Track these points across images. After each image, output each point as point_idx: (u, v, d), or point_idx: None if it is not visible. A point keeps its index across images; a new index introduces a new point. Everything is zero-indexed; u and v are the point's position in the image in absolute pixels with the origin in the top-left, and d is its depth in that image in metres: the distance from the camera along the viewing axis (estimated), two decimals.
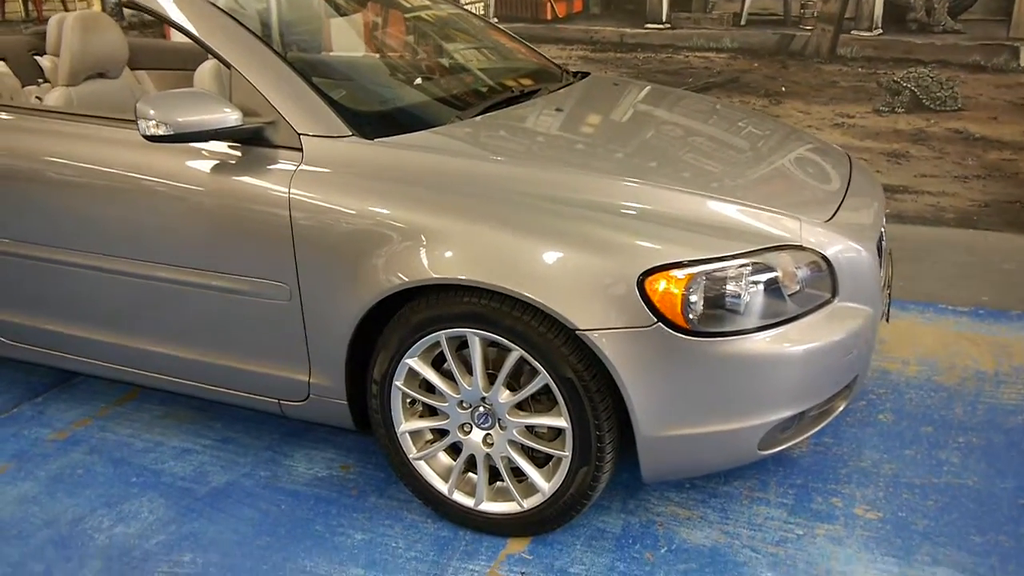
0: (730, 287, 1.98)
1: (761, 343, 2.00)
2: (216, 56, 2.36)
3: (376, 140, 2.24)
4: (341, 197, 2.17)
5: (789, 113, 4.83)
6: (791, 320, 2.04)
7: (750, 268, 1.99)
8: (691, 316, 1.95)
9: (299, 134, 2.25)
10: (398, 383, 2.24)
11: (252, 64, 2.31)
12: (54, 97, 2.98)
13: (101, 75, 3.15)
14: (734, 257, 1.98)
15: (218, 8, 2.43)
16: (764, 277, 2.00)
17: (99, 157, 2.47)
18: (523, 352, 2.05)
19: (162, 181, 2.37)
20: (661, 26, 5.02)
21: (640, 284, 1.94)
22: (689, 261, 1.96)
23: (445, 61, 3.14)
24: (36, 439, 2.85)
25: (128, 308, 2.57)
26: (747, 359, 2.00)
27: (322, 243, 2.19)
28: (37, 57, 3.99)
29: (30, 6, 6.76)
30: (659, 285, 1.94)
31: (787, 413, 2.08)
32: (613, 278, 1.95)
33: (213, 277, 2.37)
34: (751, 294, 1.99)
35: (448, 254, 2.05)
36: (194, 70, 2.92)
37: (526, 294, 1.97)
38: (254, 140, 2.29)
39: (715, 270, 1.97)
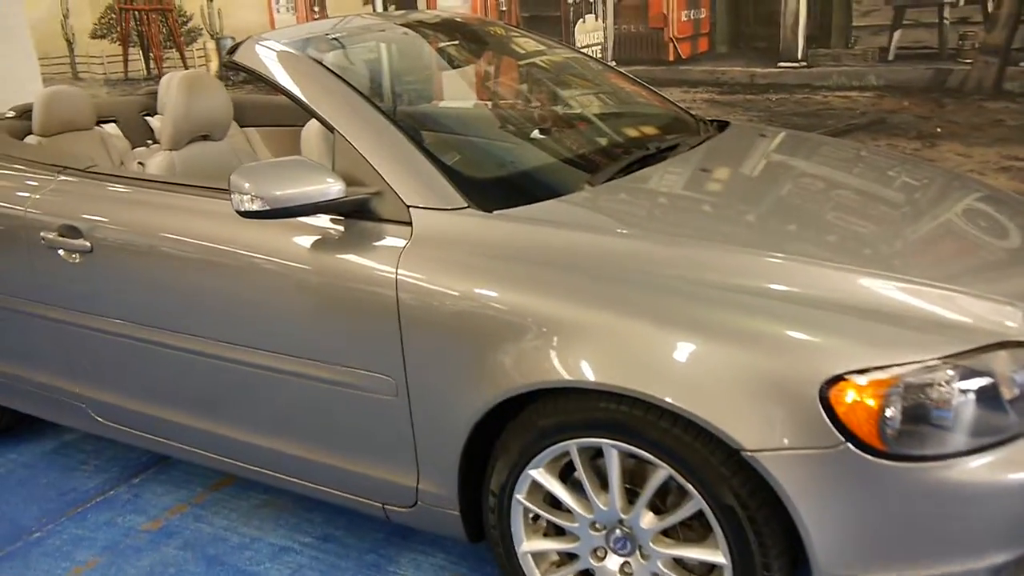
0: (936, 397, 1.57)
1: (975, 468, 1.58)
2: (318, 118, 2.13)
3: (496, 213, 1.95)
4: (455, 280, 1.88)
5: (946, 157, 4.31)
6: (1013, 439, 1.61)
7: (959, 373, 1.58)
8: (888, 434, 1.56)
9: (408, 206, 1.98)
10: (519, 496, 1.91)
11: (356, 127, 2.07)
12: (156, 163, 2.82)
13: (205, 137, 2.99)
14: (942, 359, 1.58)
15: (322, 66, 2.21)
16: (977, 384, 1.59)
17: (193, 230, 2.27)
18: (672, 471, 1.70)
19: (258, 257, 2.14)
20: (796, 64, 4.60)
21: (823, 395, 1.56)
22: (884, 365, 1.57)
23: (567, 114, 2.84)
24: (129, 528, 2.66)
25: (223, 394, 2.35)
26: (957, 488, 1.58)
27: (433, 332, 1.90)
28: (148, 117, 3.93)
29: (151, 64, 6.91)
30: (847, 396, 1.55)
31: (1007, 556, 1.65)
32: (788, 386, 1.57)
33: (312, 366, 2.11)
34: (962, 406, 1.58)
35: (581, 351, 1.72)
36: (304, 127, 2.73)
37: (679, 405, 1.61)
38: (358, 213, 2.04)
39: (917, 376, 1.57)
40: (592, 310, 1.73)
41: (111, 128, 3.73)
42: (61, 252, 2.52)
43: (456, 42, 3.06)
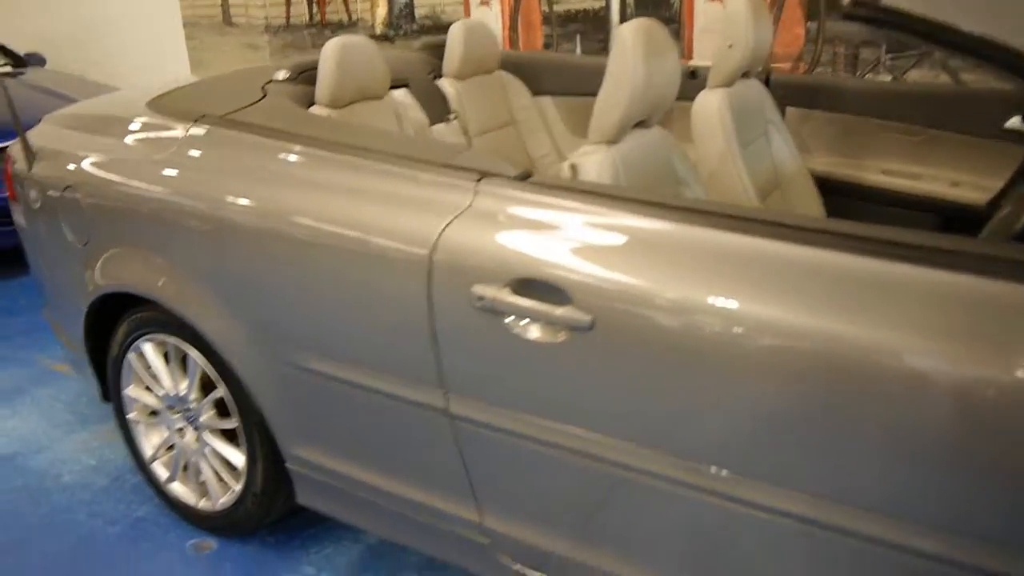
0: None
1: None
2: None
3: None
4: None
5: None
6: None
7: None
8: None
9: None
10: None
11: None
12: (594, 166, 1.75)
13: (640, 123, 1.95)
14: None
15: None
16: None
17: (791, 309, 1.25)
18: None
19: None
20: None
21: None
22: None
23: None
24: None
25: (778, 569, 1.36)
26: None
27: None
28: (438, 81, 2.92)
29: (314, 8, 5.86)
30: None
31: None
32: None
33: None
34: None
35: None
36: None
37: None
38: None
39: None
40: None
41: (402, 95, 2.72)
42: (516, 323, 1.51)
43: None
